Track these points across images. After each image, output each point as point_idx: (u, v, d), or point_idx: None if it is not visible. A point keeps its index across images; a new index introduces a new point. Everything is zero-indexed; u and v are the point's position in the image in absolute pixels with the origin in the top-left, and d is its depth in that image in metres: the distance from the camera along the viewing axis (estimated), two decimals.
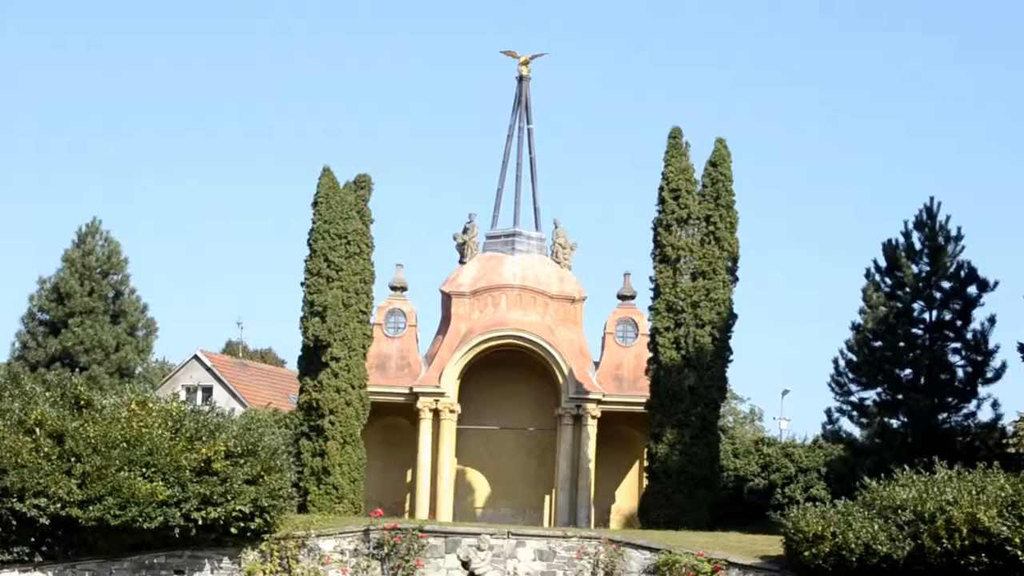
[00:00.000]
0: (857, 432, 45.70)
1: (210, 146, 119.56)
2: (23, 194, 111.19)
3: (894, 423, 43.93)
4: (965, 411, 43.99)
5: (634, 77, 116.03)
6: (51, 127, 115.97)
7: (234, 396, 58.00)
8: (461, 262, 47.10)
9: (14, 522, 31.19)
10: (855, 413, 45.78)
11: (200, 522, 31.61)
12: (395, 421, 44.44)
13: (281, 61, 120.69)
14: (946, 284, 44.61)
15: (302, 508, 37.19)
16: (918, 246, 44.89)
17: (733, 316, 40.12)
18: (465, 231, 47.46)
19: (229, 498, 31.63)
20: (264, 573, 32.53)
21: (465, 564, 28.15)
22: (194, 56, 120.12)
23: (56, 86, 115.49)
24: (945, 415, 43.57)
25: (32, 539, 31.64)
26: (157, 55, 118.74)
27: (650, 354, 40.25)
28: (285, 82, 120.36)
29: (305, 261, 40.36)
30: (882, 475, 33.10)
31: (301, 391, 40.90)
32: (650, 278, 40.40)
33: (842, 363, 45.68)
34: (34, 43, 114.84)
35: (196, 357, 64.17)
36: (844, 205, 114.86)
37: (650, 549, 32.84)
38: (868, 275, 46.02)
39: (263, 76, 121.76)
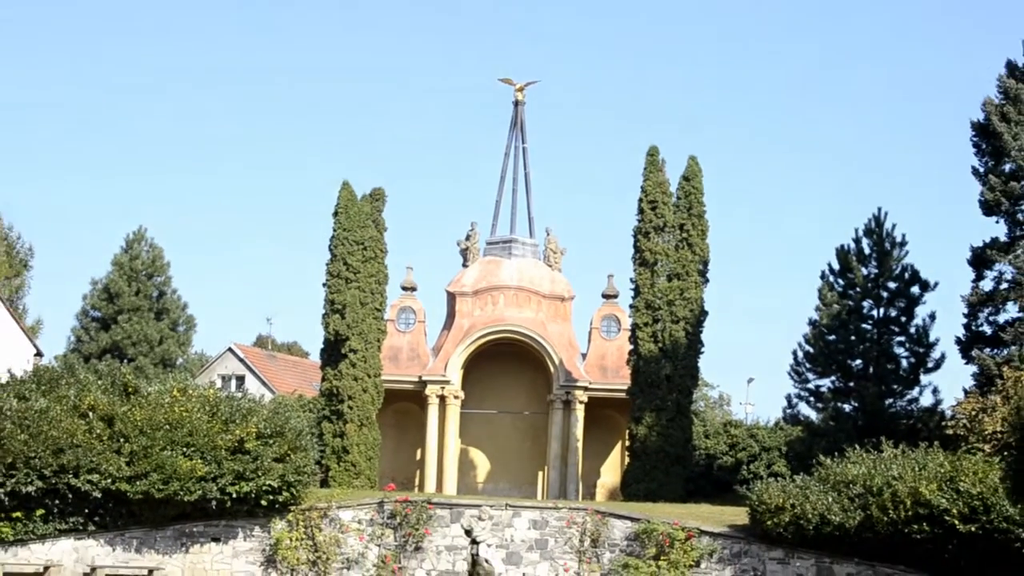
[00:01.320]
0: (814, 415, 45.66)
1: (244, 161, 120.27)
2: (74, 203, 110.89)
3: (846, 408, 44.22)
4: (909, 397, 44.55)
5: (617, 100, 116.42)
6: (101, 140, 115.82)
7: (264, 384, 57.77)
8: (464, 265, 47.22)
9: (70, 495, 31.18)
10: (812, 399, 46.11)
11: (234, 495, 31.63)
12: (406, 406, 44.40)
13: (309, 87, 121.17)
14: (892, 285, 45.18)
15: (324, 483, 37.42)
16: (867, 251, 45.53)
17: (704, 313, 40.19)
18: (467, 238, 47.49)
19: (260, 474, 31.68)
20: (291, 541, 32.33)
21: (468, 532, 27.82)
22: (233, 81, 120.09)
23: (102, 103, 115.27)
24: (891, 401, 44.08)
25: (86, 511, 31.63)
26: (200, 80, 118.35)
27: (631, 346, 40.46)
28: (313, 104, 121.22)
29: (327, 264, 40.44)
30: (835, 454, 33.19)
31: (323, 379, 41.05)
32: (631, 279, 40.57)
33: (800, 354, 46.12)
34: (75, 67, 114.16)
35: (230, 349, 64.11)
36: (802, 214, 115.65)
37: (631, 519, 32.73)
38: (823, 276, 46.08)
39: (293, 98, 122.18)
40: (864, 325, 44.79)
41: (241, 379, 59.49)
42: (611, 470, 44.91)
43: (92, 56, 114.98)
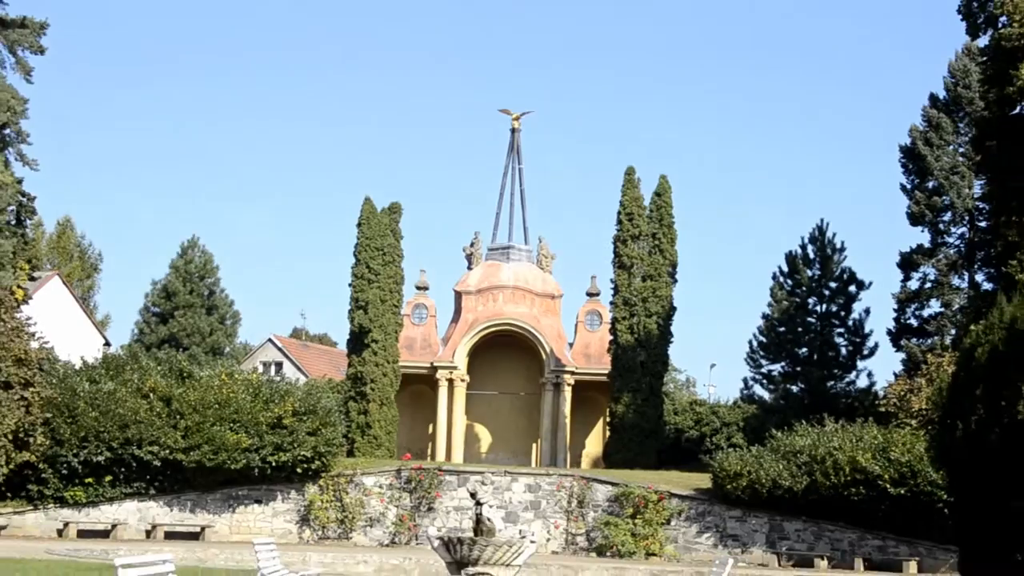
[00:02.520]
0: (766, 395, 45.90)
1: (284, 180, 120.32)
2: (137, 214, 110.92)
3: (794, 389, 44.39)
4: (847, 380, 44.71)
5: (599, 127, 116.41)
6: (162, 160, 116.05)
7: (299, 369, 57.65)
8: (469, 268, 46.97)
9: (134, 464, 31.35)
10: (765, 381, 46.27)
11: (273, 464, 31.75)
12: (420, 388, 44.25)
13: (338, 116, 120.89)
14: (832, 284, 45.35)
15: (350, 453, 37.43)
16: (811, 256, 45.62)
17: (673, 308, 40.20)
18: (472, 244, 47.34)
19: (295, 446, 31.76)
20: (322, 502, 32.43)
21: (473, 495, 27.54)
22: (274, 116, 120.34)
23: (161, 130, 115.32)
24: (832, 383, 44.21)
25: (147, 477, 31.79)
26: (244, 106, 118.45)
27: (611, 337, 40.45)
28: (340, 131, 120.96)
29: (352, 268, 40.32)
30: (785, 428, 33.45)
31: (349, 365, 41.00)
32: (611, 280, 40.62)
33: (755, 343, 46.30)
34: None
35: (270, 340, 63.93)
36: (757, 224, 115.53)
37: (611, 484, 32.81)
38: (774, 277, 46.27)
39: (324, 127, 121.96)
40: (809, 319, 44.90)
41: (279, 365, 59.36)
42: (594, 442, 44.73)
43: (145, 91, 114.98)
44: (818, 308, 44.79)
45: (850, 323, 44.63)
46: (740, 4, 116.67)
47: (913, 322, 46.06)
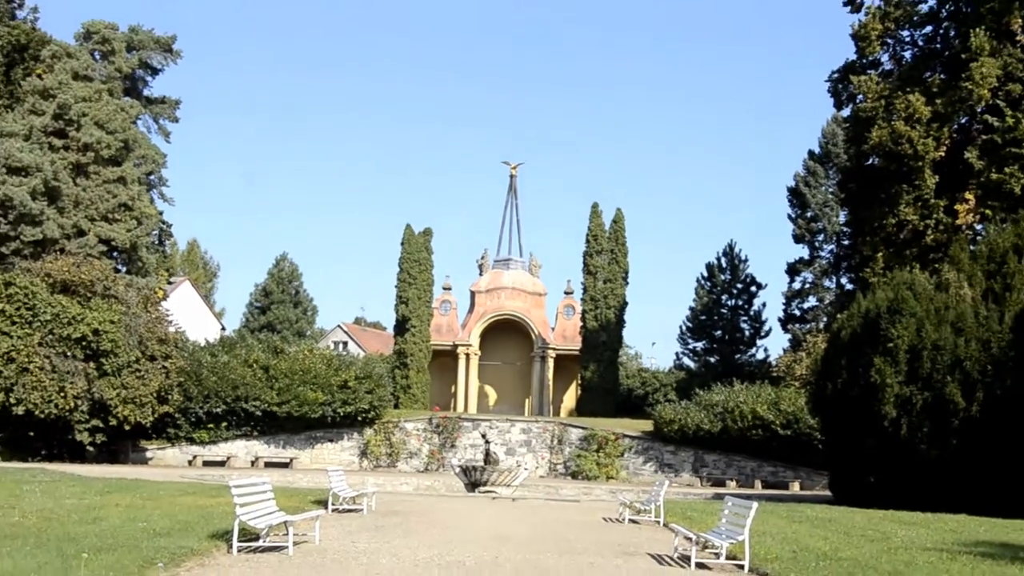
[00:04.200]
0: (692, 365, 45.77)
1: (349, 205, 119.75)
2: (242, 234, 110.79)
3: (712, 360, 44.41)
4: (749, 354, 44.75)
5: (573, 171, 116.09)
6: (260, 192, 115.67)
7: (359, 347, 57.72)
8: (480, 274, 46.99)
9: (242, 414, 31.32)
10: (691, 354, 46.33)
11: (341, 414, 31.70)
12: (445, 360, 44.27)
13: (390, 161, 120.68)
14: (739, 286, 45.37)
15: (395, 406, 37.23)
16: (724, 265, 45.60)
17: (625, 303, 40.05)
18: (482, 257, 47.37)
19: (356, 401, 31.69)
20: (375, 441, 32.42)
21: (483, 436, 27.88)
22: (344, 158, 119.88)
23: (261, 163, 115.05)
24: (739, 356, 44.25)
25: (251, 423, 31.73)
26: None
27: (581, 323, 40.32)
28: (392, 174, 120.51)
29: (397, 274, 40.15)
30: (705, 388, 33.28)
31: (395, 344, 40.84)
32: (581, 283, 40.52)
33: (684, 327, 46.38)
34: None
35: (339, 326, 64.03)
36: (688, 240, 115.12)
37: (582, 428, 32.86)
38: (698, 280, 46.51)
39: (379, 168, 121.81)
40: (722, 310, 44.94)
41: (345, 344, 59.35)
42: (569, 398, 44.66)
43: (247, 144, 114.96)
44: (729, 303, 44.93)
45: (751, 313, 44.76)
46: (675, 88, 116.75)
47: (796, 312, 46.26)
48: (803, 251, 46.40)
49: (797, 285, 46.32)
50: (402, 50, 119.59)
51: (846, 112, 33.19)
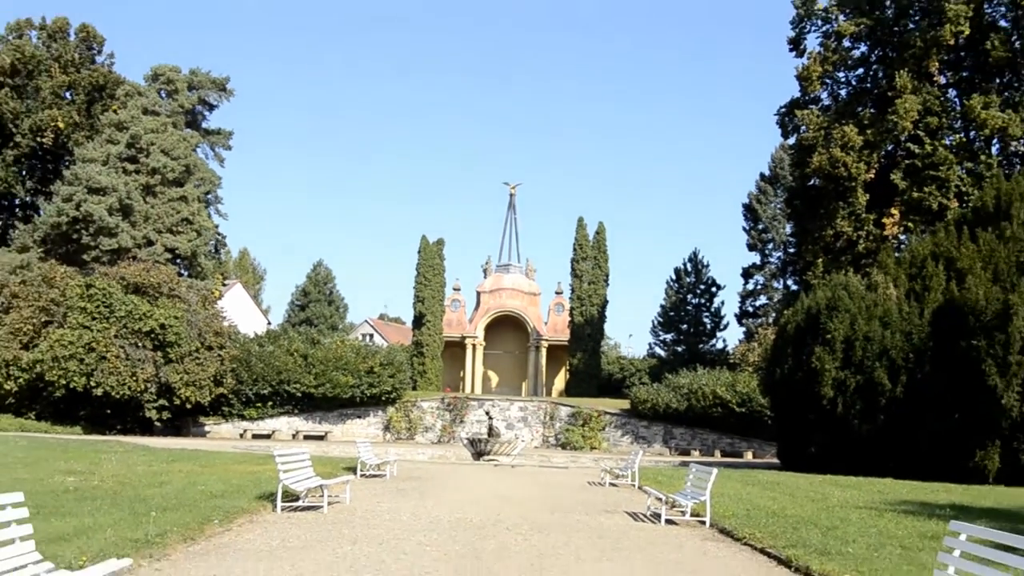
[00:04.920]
0: (663, 353, 45.43)
1: (377, 217, 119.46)
2: (285, 242, 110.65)
3: (679, 349, 44.14)
4: (711, 344, 44.50)
5: (560, 189, 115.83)
6: (300, 208, 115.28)
7: (383, 339, 57.51)
8: (484, 277, 46.63)
9: (284, 395, 31.18)
10: (662, 344, 45.98)
11: (368, 395, 31.53)
12: (455, 349, 44.14)
13: (411, 189, 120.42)
14: (702, 287, 45.06)
15: (413, 388, 37.17)
16: (689, 269, 45.35)
17: (606, 302, 39.76)
18: (486, 263, 47.07)
19: (381, 384, 31.55)
20: (396, 417, 32.22)
21: (487, 413, 27.79)
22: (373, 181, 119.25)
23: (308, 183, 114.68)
24: (702, 345, 43.98)
25: (292, 403, 31.55)
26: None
27: (569, 319, 40.05)
28: (408, 190, 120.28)
29: (415, 277, 39.87)
30: (674, 372, 33.22)
31: (413, 336, 40.55)
32: (570, 285, 40.20)
33: (656, 322, 46.17)
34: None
35: (366, 320, 63.87)
36: (660, 247, 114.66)
37: (570, 406, 32.70)
38: (668, 282, 46.26)
39: (404, 196, 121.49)
40: (688, 307, 44.71)
41: (371, 336, 59.19)
42: (559, 381, 44.47)
43: (286, 168, 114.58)
44: (693, 301, 44.76)
45: (712, 310, 44.55)
46: (650, 119, 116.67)
47: (750, 309, 46.23)
48: (755, 257, 46.44)
49: (751, 286, 46.36)
50: (415, 90, 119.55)
51: (792, 140, 33.21)
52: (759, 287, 46.06)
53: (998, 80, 29.18)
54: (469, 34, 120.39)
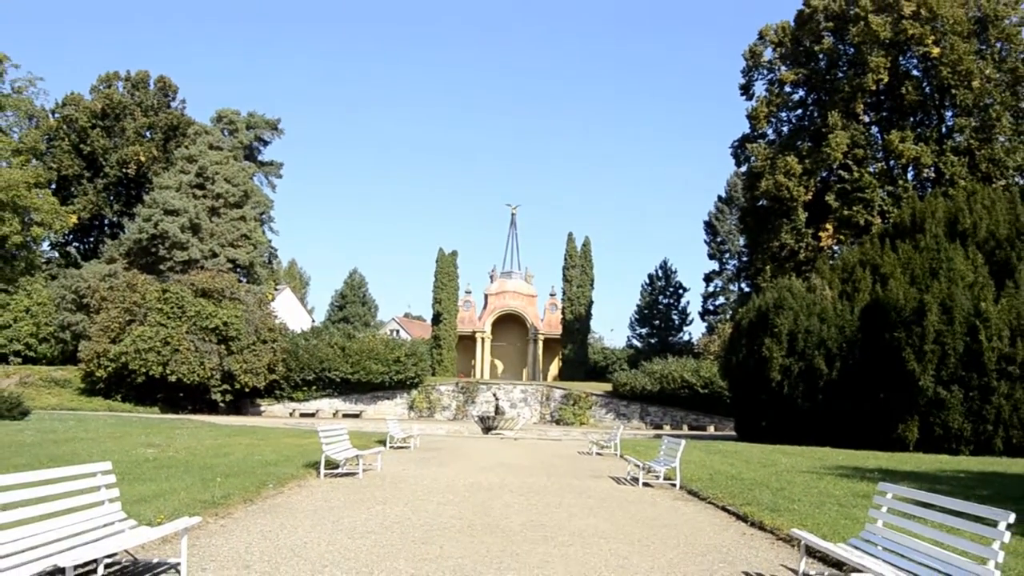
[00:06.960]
0: (639, 344, 45.02)
1: (402, 231, 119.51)
2: (325, 254, 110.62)
3: (653, 341, 43.77)
4: (679, 336, 44.10)
5: (554, 208, 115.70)
6: (338, 226, 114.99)
7: (407, 333, 57.37)
8: (491, 282, 46.41)
9: (326, 380, 31.10)
10: (638, 337, 45.54)
11: (395, 380, 31.51)
12: (467, 342, 43.95)
13: (427, 205, 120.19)
14: (671, 289, 44.70)
15: (433, 374, 36.94)
16: (660, 275, 45.07)
17: (592, 302, 39.71)
18: (492, 270, 46.73)
19: (406, 371, 31.53)
20: (419, 399, 32.11)
21: (494, 395, 27.73)
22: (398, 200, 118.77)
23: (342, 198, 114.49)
24: (671, 338, 43.63)
25: (333, 387, 31.45)
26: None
27: (562, 316, 39.90)
28: (428, 219, 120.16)
29: (433, 282, 39.65)
30: (648, 360, 33.11)
31: (432, 331, 40.27)
32: (561, 288, 40.16)
33: (633, 319, 45.47)
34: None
35: (393, 318, 63.63)
36: (635, 256, 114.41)
37: (563, 389, 32.68)
38: (642, 285, 45.71)
39: (424, 213, 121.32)
40: (659, 306, 44.40)
41: (397, 331, 59.06)
42: (554, 368, 44.28)
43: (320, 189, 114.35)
44: (664, 301, 44.55)
45: (680, 308, 44.34)
46: (632, 147, 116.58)
47: (711, 307, 46.00)
48: (715, 265, 46.29)
49: (711, 288, 46.17)
50: (437, 128, 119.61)
51: (744, 168, 33.26)
52: (718, 289, 45.94)
53: (912, 119, 29.31)
54: (475, 82, 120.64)
